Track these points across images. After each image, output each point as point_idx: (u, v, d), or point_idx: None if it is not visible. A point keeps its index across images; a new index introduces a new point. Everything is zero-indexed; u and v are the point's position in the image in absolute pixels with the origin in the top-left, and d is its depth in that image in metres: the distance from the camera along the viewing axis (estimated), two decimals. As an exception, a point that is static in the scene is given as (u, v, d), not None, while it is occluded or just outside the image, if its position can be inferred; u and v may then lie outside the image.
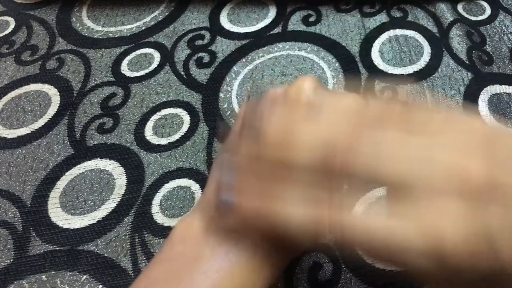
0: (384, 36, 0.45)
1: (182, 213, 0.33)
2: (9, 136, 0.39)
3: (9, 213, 0.34)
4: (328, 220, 0.16)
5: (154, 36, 0.47)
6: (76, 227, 0.33)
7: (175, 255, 0.18)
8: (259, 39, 0.45)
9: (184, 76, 0.43)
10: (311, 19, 0.47)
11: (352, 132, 0.16)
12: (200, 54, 0.45)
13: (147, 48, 0.45)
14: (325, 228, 0.16)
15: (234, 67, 0.43)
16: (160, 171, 0.36)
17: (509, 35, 0.44)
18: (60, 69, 0.44)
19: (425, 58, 0.42)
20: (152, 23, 0.48)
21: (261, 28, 0.47)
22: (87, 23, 0.49)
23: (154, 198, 0.34)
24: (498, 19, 0.46)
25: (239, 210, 0.18)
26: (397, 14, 0.47)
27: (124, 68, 0.44)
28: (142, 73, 0.43)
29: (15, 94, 0.42)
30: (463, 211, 0.14)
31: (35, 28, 0.49)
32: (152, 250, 0.32)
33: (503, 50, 0.43)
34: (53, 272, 0.31)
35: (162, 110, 0.40)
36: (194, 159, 0.36)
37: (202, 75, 0.43)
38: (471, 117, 0.17)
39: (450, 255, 0.14)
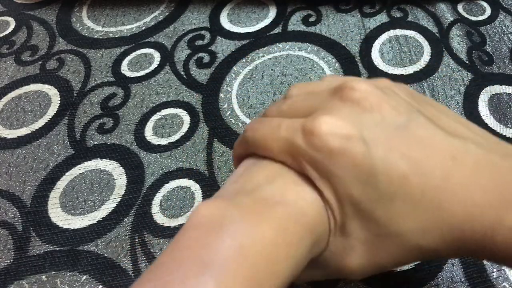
0: (384, 36, 0.45)
1: (182, 213, 0.33)
2: (9, 136, 0.39)
3: (9, 213, 0.34)
4: None
5: (154, 36, 0.47)
6: (76, 227, 0.33)
7: (202, 221, 0.17)
8: (259, 39, 0.45)
9: (184, 76, 0.43)
10: (311, 19, 0.47)
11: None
12: (200, 54, 0.45)
13: (147, 48, 0.45)
14: None
15: (234, 67, 0.43)
16: (160, 171, 0.36)
17: (509, 35, 0.44)
18: (60, 69, 0.44)
19: (425, 58, 0.42)
20: (152, 23, 0.48)
21: (261, 28, 0.47)
22: (87, 23, 0.49)
23: (154, 198, 0.34)
24: (498, 19, 0.46)
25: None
26: (397, 14, 0.47)
27: (124, 68, 0.44)
28: (142, 73, 0.43)
29: (15, 94, 0.42)
30: None
31: (35, 28, 0.49)
32: (152, 250, 0.32)
33: (503, 50, 0.43)
34: (53, 272, 0.31)
35: (162, 110, 0.40)
36: (194, 159, 0.36)
37: (202, 75, 0.43)
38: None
39: None
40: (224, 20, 0.48)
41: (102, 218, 0.33)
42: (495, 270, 0.29)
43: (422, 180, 0.16)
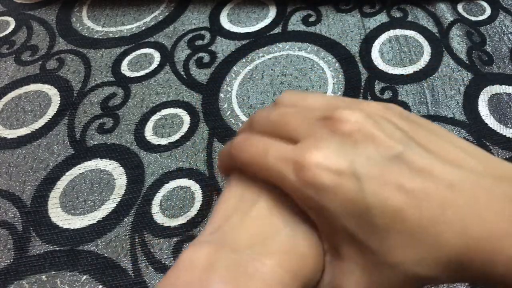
0: (384, 36, 0.45)
1: (182, 213, 0.33)
2: (9, 136, 0.39)
3: (9, 213, 0.34)
4: None
5: (154, 36, 0.47)
6: (76, 227, 0.33)
7: (181, 284, 0.17)
8: (259, 39, 0.45)
9: (184, 76, 0.43)
10: (311, 19, 0.47)
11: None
12: (200, 54, 0.45)
13: (147, 48, 0.45)
14: None
15: (234, 67, 0.43)
16: (160, 171, 0.36)
17: (509, 35, 0.44)
18: (60, 69, 0.44)
19: (425, 58, 0.42)
20: (152, 23, 0.48)
21: (261, 28, 0.47)
22: (87, 23, 0.49)
23: (154, 198, 0.34)
24: (498, 19, 0.46)
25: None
26: (397, 14, 0.47)
27: (124, 68, 0.44)
28: (142, 73, 0.43)
29: (15, 94, 0.42)
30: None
31: (35, 28, 0.49)
32: (152, 250, 0.32)
33: (503, 50, 0.43)
34: (53, 272, 0.31)
35: (162, 110, 0.40)
36: (194, 159, 0.36)
37: (202, 75, 0.43)
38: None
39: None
40: (224, 20, 0.48)
41: (102, 218, 0.33)
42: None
43: (418, 212, 0.16)
